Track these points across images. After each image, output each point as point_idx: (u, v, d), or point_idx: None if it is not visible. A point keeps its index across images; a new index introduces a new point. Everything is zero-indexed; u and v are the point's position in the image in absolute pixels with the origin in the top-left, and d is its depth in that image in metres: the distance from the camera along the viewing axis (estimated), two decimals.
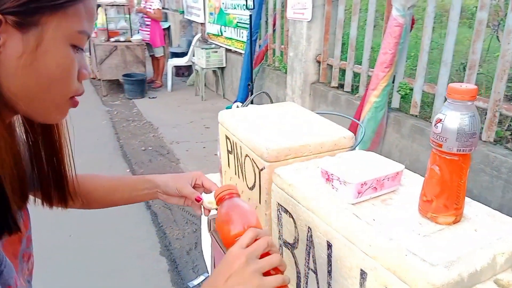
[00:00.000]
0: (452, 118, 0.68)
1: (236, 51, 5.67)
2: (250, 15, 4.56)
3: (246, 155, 1.09)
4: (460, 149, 0.68)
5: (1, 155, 0.54)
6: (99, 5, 6.78)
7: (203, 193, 0.90)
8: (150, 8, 6.31)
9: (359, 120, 3.10)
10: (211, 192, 0.89)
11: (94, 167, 3.69)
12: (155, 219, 2.96)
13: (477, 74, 2.50)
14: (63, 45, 0.57)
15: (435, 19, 2.88)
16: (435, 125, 0.71)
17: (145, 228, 2.85)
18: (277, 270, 0.65)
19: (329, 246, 0.78)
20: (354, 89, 3.62)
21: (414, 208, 0.78)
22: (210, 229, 1.26)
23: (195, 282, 2.33)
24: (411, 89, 2.94)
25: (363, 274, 0.71)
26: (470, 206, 0.78)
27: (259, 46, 4.99)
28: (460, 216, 0.74)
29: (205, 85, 6.17)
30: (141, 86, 6.16)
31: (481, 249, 0.65)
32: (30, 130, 0.70)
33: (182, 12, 7.84)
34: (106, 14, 6.46)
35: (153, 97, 6.18)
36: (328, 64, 3.87)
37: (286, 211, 0.91)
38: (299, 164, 0.96)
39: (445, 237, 0.69)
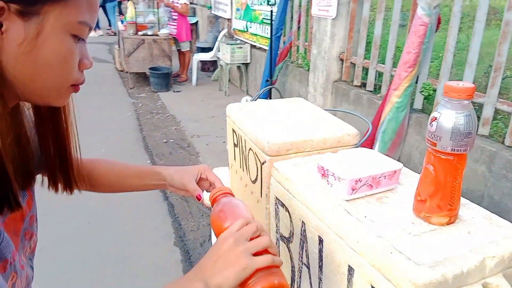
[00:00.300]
0: (447, 117, 0.67)
1: (260, 47, 5.67)
2: (271, 11, 4.55)
3: (250, 149, 1.10)
4: (454, 149, 0.67)
5: (2, 136, 0.57)
6: None
7: (204, 191, 0.91)
8: (177, 3, 6.38)
9: (379, 120, 3.06)
10: (214, 187, 0.91)
11: (116, 157, 3.78)
12: (171, 210, 3.01)
13: (506, 77, 2.42)
14: (63, 34, 0.59)
15: (464, 20, 2.80)
16: (430, 123, 0.70)
17: (161, 219, 2.91)
18: (267, 252, 0.64)
19: (321, 241, 0.78)
20: (377, 89, 3.56)
21: (410, 208, 0.77)
22: None
23: None
24: (435, 90, 2.87)
25: (350, 270, 0.71)
26: (468, 208, 0.77)
27: (283, 42, 4.98)
28: (454, 217, 0.73)
29: (229, 81, 6.21)
30: (167, 79, 6.25)
31: (470, 252, 0.64)
32: (37, 115, 0.73)
33: (210, 8, 7.90)
34: (135, 8, 6.58)
35: (178, 91, 6.26)
36: (351, 63, 3.82)
37: (283, 205, 0.91)
38: (299, 159, 0.96)
39: (436, 238, 0.68)
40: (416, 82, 2.92)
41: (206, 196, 0.90)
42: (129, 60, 6.28)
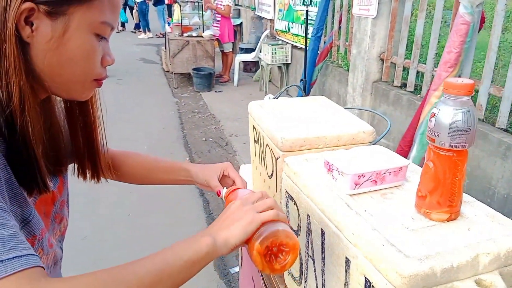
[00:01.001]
0: (445, 113, 0.67)
1: (301, 48, 5.67)
2: (306, 11, 4.55)
3: (267, 145, 1.14)
4: (452, 145, 0.67)
5: (32, 124, 0.63)
6: (175, 2, 7.16)
7: (224, 187, 0.95)
8: (221, 5, 6.52)
9: (418, 122, 2.98)
10: (235, 184, 0.97)
11: (157, 153, 3.94)
12: (206, 206, 3.11)
13: None
14: (87, 33, 0.65)
15: (509, 18, 2.67)
16: (430, 119, 0.70)
17: (196, 213, 3.00)
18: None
19: (323, 233, 0.81)
20: (418, 89, 3.47)
21: (413, 204, 0.77)
22: None
23: (236, 269, 2.42)
24: (477, 91, 2.75)
25: (347, 262, 0.73)
26: (472, 206, 0.76)
27: (324, 42, 4.96)
28: (455, 214, 0.72)
29: (270, 81, 6.26)
30: (209, 80, 6.40)
31: (464, 247, 0.64)
32: (67, 108, 0.80)
33: (254, 9, 8.00)
34: (181, 10, 6.81)
35: (219, 91, 6.40)
36: (391, 62, 3.75)
37: (292, 199, 0.94)
38: (310, 155, 0.98)
39: (433, 233, 0.69)
40: None
41: (225, 192, 0.94)
42: (173, 61, 6.50)
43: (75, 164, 0.87)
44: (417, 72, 3.39)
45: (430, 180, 0.71)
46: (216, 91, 6.39)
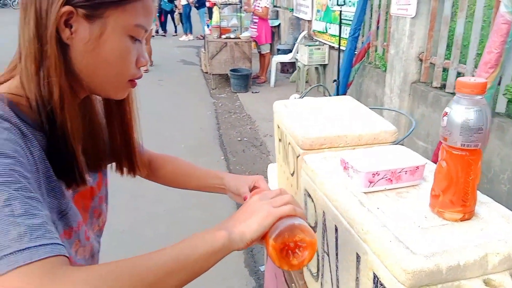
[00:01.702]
0: (457, 112, 0.67)
1: (340, 48, 5.62)
2: (340, 11, 4.50)
3: (289, 143, 1.16)
4: (464, 144, 0.67)
5: (71, 121, 0.67)
6: (215, 4, 7.31)
7: (249, 192, 0.97)
8: (258, 6, 6.58)
9: None
10: None
11: (194, 152, 4.05)
12: (240, 204, 3.16)
13: None
14: (122, 35, 0.68)
15: None
16: (442, 118, 0.70)
17: (229, 211, 3.07)
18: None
19: (336, 229, 0.82)
20: None
21: (428, 204, 0.78)
22: None
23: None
24: None
25: (358, 258, 0.74)
26: (488, 207, 0.75)
27: (362, 43, 4.89)
28: (469, 214, 0.72)
29: (306, 82, 6.24)
30: (246, 80, 6.48)
31: (474, 246, 0.64)
32: (106, 107, 0.84)
33: (292, 10, 8.00)
34: (220, 13, 6.93)
35: (256, 92, 6.46)
36: (430, 63, 3.64)
37: (309, 196, 0.96)
38: (330, 153, 1.00)
39: (444, 232, 0.69)
40: (499, 84, 2.71)
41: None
42: (212, 62, 6.63)
43: (114, 160, 0.90)
44: (457, 72, 3.28)
45: (443, 179, 0.72)
46: (252, 92, 6.45)
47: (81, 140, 0.73)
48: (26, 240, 0.50)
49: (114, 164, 0.91)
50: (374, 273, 0.69)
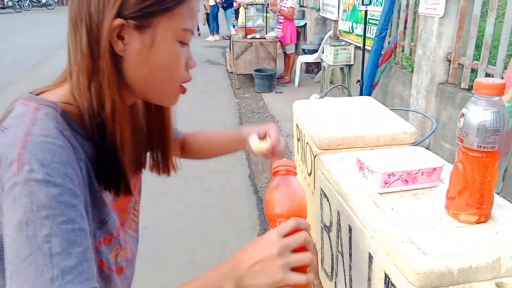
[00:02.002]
0: (474, 113, 0.66)
1: (366, 48, 5.55)
2: (366, 11, 4.43)
3: (307, 143, 1.17)
4: (480, 145, 0.66)
5: (122, 134, 0.68)
6: (242, 5, 7.34)
7: (253, 136, 0.94)
8: (284, 7, 6.57)
9: None
10: (268, 139, 0.92)
11: None
12: (259, 203, 3.17)
13: None
14: (172, 41, 0.68)
15: None
16: (459, 119, 0.69)
17: (249, 211, 3.08)
18: (305, 268, 0.64)
19: (350, 229, 0.82)
20: None
21: (443, 205, 0.77)
22: None
23: None
24: None
25: (370, 257, 0.74)
26: (505, 210, 0.74)
27: (388, 43, 4.81)
28: (485, 216, 0.71)
29: (331, 82, 6.19)
30: (270, 81, 6.48)
31: (487, 249, 0.63)
32: (146, 110, 0.85)
33: (318, 10, 7.95)
34: (246, 13, 6.96)
35: (280, 92, 6.45)
36: (459, 64, 3.56)
37: (325, 195, 0.96)
38: (346, 154, 1.00)
39: (458, 234, 0.68)
40: None
41: (254, 141, 0.92)
42: (237, 62, 6.66)
43: (151, 159, 0.90)
44: (486, 74, 3.18)
45: (459, 181, 0.71)
46: (276, 92, 6.45)
47: (129, 150, 0.73)
48: (57, 284, 0.53)
49: (150, 164, 0.90)
50: (385, 273, 0.69)
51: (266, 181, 3.60)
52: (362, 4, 4.33)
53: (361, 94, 4.34)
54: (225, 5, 11.72)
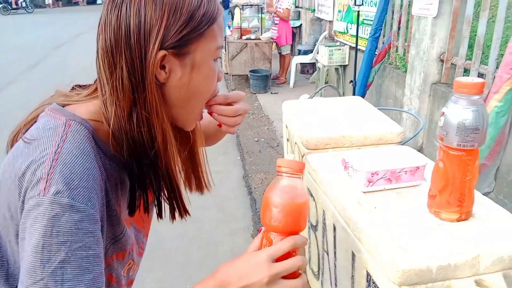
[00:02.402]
0: (454, 112, 0.67)
1: (359, 49, 5.57)
2: (358, 12, 4.45)
3: (295, 143, 1.17)
4: (460, 144, 0.67)
5: (174, 158, 0.68)
6: (236, 5, 7.35)
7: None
8: (280, 8, 6.58)
9: None
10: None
11: (211, 151, 4.05)
12: (253, 204, 3.18)
13: None
14: (209, 61, 0.68)
15: None
16: (439, 118, 0.70)
17: (243, 211, 3.08)
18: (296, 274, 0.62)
19: (334, 228, 0.83)
20: None
21: (426, 204, 0.77)
22: None
23: None
24: None
25: (353, 256, 0.75)
26: (487, 208, 0.75)
27: (382, 43, 4.83)
28: (466, 214, 0.72)
29: (326, 83, 6.20)
30: (265, 81, 6.48)
31: (466, 247, 0.63)
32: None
33: (314, 11, 7.97)
34: (241, 14, 6.96)
35: (275, 93, 6.45)
36: (452, 64, 3.57)
37: (311, 195, 0.97)
38: (332, 153, 1.00)
39: (439, 232, 0.69)
40: None
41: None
42: (232, 63, 6.67)
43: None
44: (479, 73, 3.20)
45: (440, 179, 0.71)
46: (271, 93, 6.45)
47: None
48: None
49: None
50: (367, 271, 0.69)
51: (260, 181, 3.60)
52: (355, 4, 4.34)
53: (354, 94, 4.36)
54: (222, 5, 11.71)
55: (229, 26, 8.02)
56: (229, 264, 0.63)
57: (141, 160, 0.66)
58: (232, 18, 10.60)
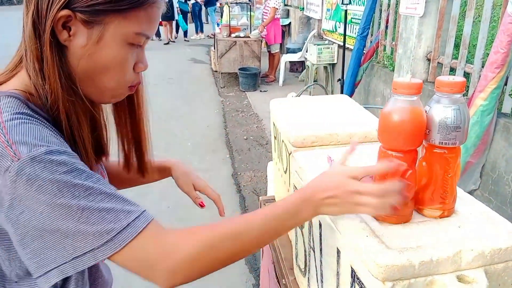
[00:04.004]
0: (435, 110, 0.68)
1: (347, 47, 5.60)
2: (345, 10, 4.49)
3: (283, 140, 1.18)
4: (442, 142, 0.68)
5: (69, 119, 0.67)
6: (226, 3, 7.34)
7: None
8: (268, 7, 6.59)
9: None
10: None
11: (200, 150, 4.08)
12: (242, 202, 3.18)
13: None
14: (121, 43, 0.66)
15: None
16: None
17: (232, 209, 3.09)
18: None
19: (320, 225, 0.84)
20: (465, 91, 3.32)
21: None
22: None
23: None
24: None
25: (338, 252, 0.75)
26: (469, 205, 0.76)
27: (370, 42, 4.87)
28: (449, 211, 0.73)
29: (315, 81, 6.23)
30: (254, 79, 6.49)
31: (447, 243, 0.65)
32: (116, 110, 0.83)
33: (303, 9, 7.99)
34: (230, 11, 6.95)
35: (264, 91, 6.47)
36: (438, 63, 3.62)
37: None
38: (319, 151, 1.01)
39: (421, 228, 0.70)
40: (506, 84, 2.68)
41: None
42: (221, 61, 6.66)
43: (121, 157, 0.88)
44: (465, 72, 3.25)
45: (423, 176, 0.72)
46: (261, 91, 6.47)
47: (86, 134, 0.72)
48: (130, 218, 0.63)
49: (121, 161, 0.89)
50: (351, 268, 0.70)
51: (249, 179, 3.61)
52: (342, 3, 4.36)
53: (342, 93, 4.39)
54: (205, 3, 11.66)
55: (218, 24, 8.00)
56: (316, 179, 0.70)
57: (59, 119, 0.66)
58: (221, 16, 10.60)
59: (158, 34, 10.77)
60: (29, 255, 0.57)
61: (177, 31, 12.32)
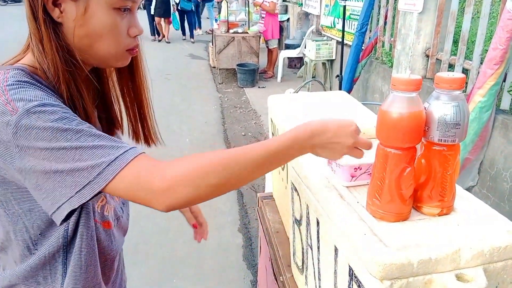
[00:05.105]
0: (434, 107, 0.67)
1: (346, 43, 5.58)
2: (344, 6, 4.47)
3: None
4: (441, 139, 0.67)
5: (71, 91, 0.74)
6: None
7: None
8: (266, 2, 6.55)
9: None
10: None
11: (197, 146, 4.07)
12: (240, 198, 3.18)
13: None
14: (106, 9, 0.72)
15: None
16: None
17: (230, 205, 3.08)
18: None
19: (318, 223, 0.83)
20: (465, 87, 3.32)
21: None
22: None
23: None
24: None
25: (336, 250, 0.75)
26: (468, 202, 0.75)
27: (369, 38, 4.85)
28: (448, 209, 0.72)
29: (313, 77, 6.21)
30: (252, 75, 6.47)
31: (446, 241, 0.64)
32: (118, 74, 0.90)
33: (301, 5, 7.95)
34: (228, 7, 6.92)
35: (262, 87, 6.45)
36: (437, 59, 3.61)
37: (296, 189, 0.97)
38: None
39: (420, 226, 0.69)
40: (504, 81, 2.68)
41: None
42: (219, 56, 6.63)
43: (129, 128, 0.96)
44: (463, 69, 3.24)
45: (422, 174, 0.72)
46: (259, 87, 6.44)
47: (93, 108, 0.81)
48: (119, 151, 0.66)
49: (130, 132, 0.96)
50: (349, 266, 0.69)
51: None
52: None
53: (340, 89, 4.38)
54: None
55: (216, 20, 7.97)
56: (324, 122, 0.75)
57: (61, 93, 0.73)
58: (219, 12, 10.54)
59: (158, 34, 10.69)
60: (44, 195, 0.65)
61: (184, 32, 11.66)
